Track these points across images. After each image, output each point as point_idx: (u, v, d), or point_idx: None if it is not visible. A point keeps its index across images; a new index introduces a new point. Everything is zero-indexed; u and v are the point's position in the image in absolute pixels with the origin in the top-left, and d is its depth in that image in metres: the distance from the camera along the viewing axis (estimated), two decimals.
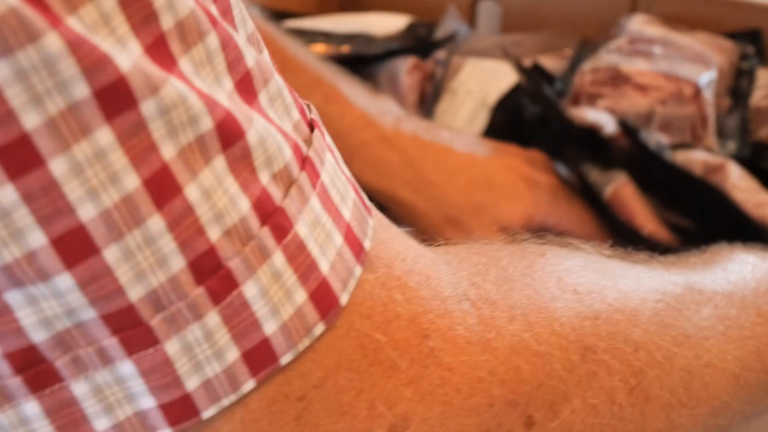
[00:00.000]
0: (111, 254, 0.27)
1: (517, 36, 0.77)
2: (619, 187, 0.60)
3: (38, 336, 0.28)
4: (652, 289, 0.40)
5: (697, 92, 0.64)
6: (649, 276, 0.41)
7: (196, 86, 0.28)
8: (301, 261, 0.30)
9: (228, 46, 0.29)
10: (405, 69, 0.76)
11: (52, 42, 0.25)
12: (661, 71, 0.65)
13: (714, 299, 0.42)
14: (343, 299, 0.31)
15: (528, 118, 0.65)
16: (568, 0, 0.79)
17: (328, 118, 0.61)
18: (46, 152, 0.26)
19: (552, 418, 0.35)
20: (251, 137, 0.29)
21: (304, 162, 0.31)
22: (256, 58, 0.31)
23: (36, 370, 0.29)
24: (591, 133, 0.60)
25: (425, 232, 0.62)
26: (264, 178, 0.30)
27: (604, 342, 0.37)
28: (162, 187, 0.27)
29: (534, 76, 0.65)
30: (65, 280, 0.27)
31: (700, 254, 0.47)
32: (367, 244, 0.33)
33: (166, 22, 0.27)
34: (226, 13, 0.31)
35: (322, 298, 0.31)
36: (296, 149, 0.31)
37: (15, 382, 0.29)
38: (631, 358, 0.37)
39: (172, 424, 0.30)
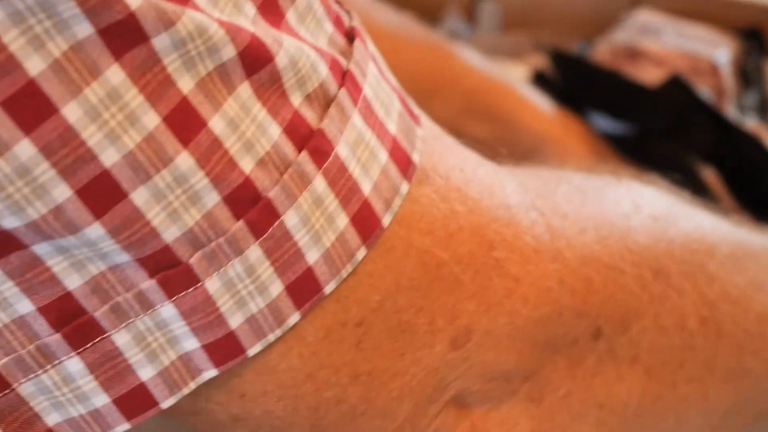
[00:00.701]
0: (140, 197, 0.26)
1: (517, 36, 0.77)
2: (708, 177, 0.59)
3: (72, 282, 0.27)
4: (730, 234, 0.39)
5: (714, 68, 0.63)
6: (727, 225, 0.40)
7: (215, 17, 0.26)
8: (343, 184, 0.29)
9: None
10: None
11: None
12: (675, 48, 0.65)
13: None
14: (386, 220, 0.29)
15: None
16: (568, 0, 0.79)
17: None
18: (56, 98, 0.24)
19: (621, 333, 0.34)
20: (280, 60, 0.27)
21: (344, 77, 0.29)
22: None
23: (76, 325, 0.27)
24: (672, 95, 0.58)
25: None
26: (296, 100, 0.28)
27: (679, 266, 0.35)
28: (184, 122, 0.26)
29: (566, 57, 0.64)
30: (96, 230, 0.26)
31: None
32: (415, 157, 0.31)
33: None
34: None
35: (364, 221, 0.29)
36: (334, 65, 0.29)
37: (55, 339, 0.27)
38: (705, 288, 0.36)
39: (217, 364, 0.28)
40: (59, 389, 0.28)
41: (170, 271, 0.27)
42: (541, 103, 0.63)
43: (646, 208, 0.36)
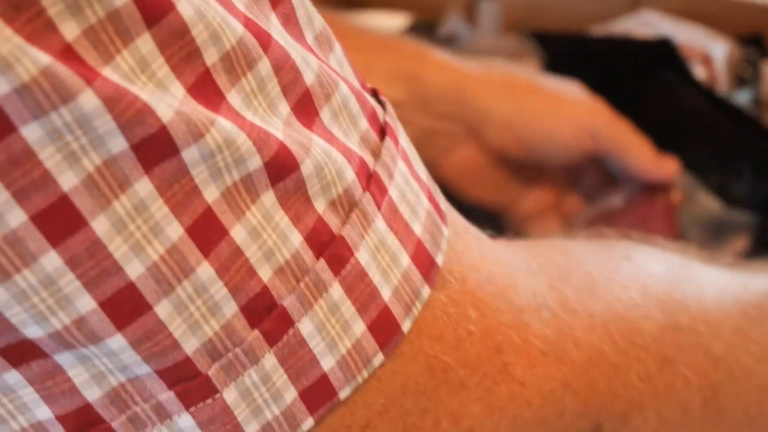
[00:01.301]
0: (163, 309, 0.26)
1: (518, 36, 0.77)
2: None
3: (92, 394, 0.27)
4: (736, 300, 0.39)
5: (706, 57, 0.63)
6: (733, 285, 0.40)
7: (247, 121, 0.26)
8: (361, 291, 0.29)
9: (283, 68, 0.28)
10: None
11: (88, 100, 0.24)
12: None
13: None
14: (405, 326, 0.30)
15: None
16: (568, 0, 0.79)
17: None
18: (86, 212, 0.24)
19: (621, 425, 0.34)
20: (306, 168, 0.28)
21: (370, 180, 0.30)
22: (317, 71, 0.29)
23: None
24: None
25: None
26: (320, 206, 0.28)
27: (684, 354, 0.36)
28: (206, 232, 0.26)
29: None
30: (118, 341, 0.26)
31: None
32: (439, 259, 0.31)
33: (210, 57, 0.26)
34: (289, 18, 0.29)
35: (383, 327, 0.29)
36: (361, 167, 0.29)
37: None
38: (711, 372, 0.36)
39: None
40: None
41: (189, 383, 0.27)
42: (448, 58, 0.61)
43: (653, 290, 0.36)
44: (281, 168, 0.27)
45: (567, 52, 0.62)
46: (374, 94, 0.33)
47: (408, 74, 0.60)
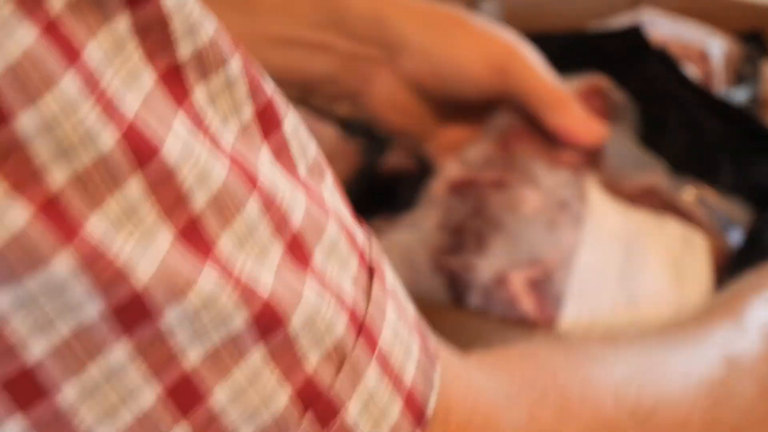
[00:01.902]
0: None
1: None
2: None
3: None
4: (700, 382, 0.40)
5: (703, 54, 0.63)
6: (695, 363, 0.41)
7: (234, 273, 0.26)
8: None
9: (271, 207, 0.27)
10: None
11: (63, 264, 0.23)
12: (666, 35, 0.64)
13: (754, 370, 0.41)
14: None
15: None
16: (569, 0, 0.79)
17: None
18: (55, 380, 0.24)
19: None
20: (296, 322, 0.27)
21: (361, 328, 0.29)
22: (306, 208, 0.28)
23: None
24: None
25: None
26: (312, 359, 0.27)
27: None
28: (184, 397, 0.25)
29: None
30: None
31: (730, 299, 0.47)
32: (432, 401, 0.31)
33: (199, 202, 0.25)
34: (282, 150, 0.29)
35: None
36: (352, 315, 0.29)
37: None
38: None
39: None
40: None
41: None
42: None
43: (624, 399, 0.37)
44: (269, 323, 0.26)
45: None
46: (359, 222, 0.32)
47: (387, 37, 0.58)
